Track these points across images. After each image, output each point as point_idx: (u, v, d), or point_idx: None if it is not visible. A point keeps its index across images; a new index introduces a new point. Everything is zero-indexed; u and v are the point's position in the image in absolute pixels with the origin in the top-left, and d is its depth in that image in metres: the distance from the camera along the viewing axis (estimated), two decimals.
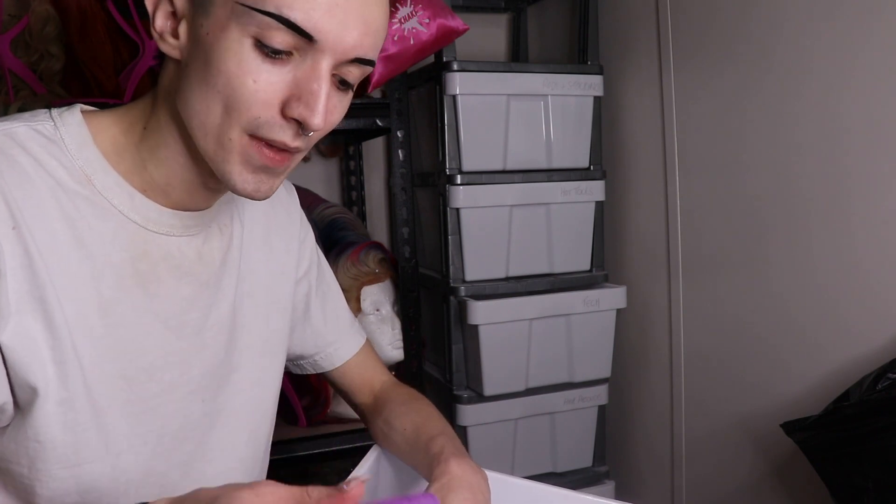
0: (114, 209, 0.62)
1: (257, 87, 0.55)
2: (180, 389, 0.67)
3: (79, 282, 0.60)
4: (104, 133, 0.63)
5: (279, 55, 0.55)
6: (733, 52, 1.28)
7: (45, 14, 1.23)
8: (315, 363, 0.87)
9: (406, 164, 1.43)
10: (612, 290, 1.56)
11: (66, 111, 0.63)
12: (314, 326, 0.85)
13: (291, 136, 0.58)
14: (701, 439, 1.43)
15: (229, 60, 0.55)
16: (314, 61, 0.56)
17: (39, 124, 0.61)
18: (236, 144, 0.58)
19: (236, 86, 0.55)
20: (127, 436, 0.64)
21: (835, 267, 1.12)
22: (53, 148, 0.60)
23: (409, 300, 1.44)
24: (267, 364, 0.77)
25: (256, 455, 0.77)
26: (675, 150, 1.44)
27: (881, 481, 0.94)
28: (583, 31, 1.58)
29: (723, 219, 1.34)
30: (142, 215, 0.63)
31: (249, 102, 0.56)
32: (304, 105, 0.56)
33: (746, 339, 1.30)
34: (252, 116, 0.56)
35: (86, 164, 0.61)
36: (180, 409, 0.68)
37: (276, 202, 0.80)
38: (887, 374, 0.95)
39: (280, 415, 1.49)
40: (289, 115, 0.57)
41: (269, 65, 0.55)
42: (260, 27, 0.54)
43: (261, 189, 0.61)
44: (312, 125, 0.56)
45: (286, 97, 0.56)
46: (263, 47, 0.55)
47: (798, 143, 1.17)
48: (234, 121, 0.57)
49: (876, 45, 1.03)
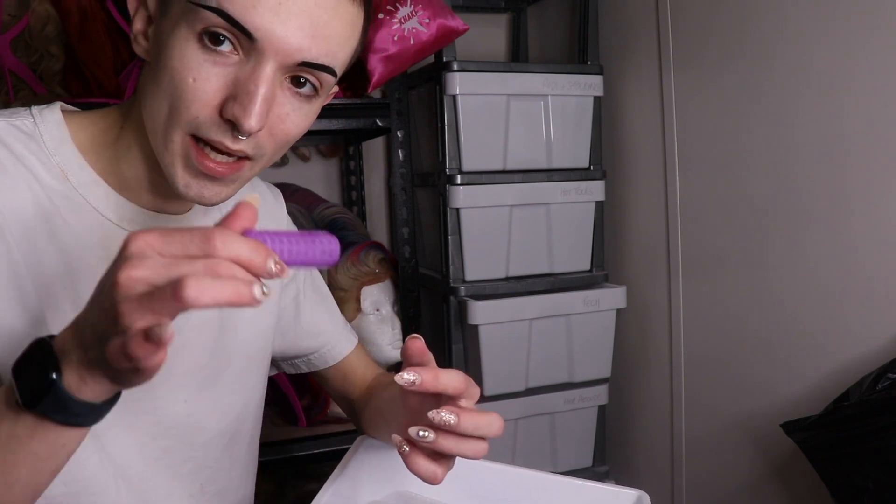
0: (89, 206, 0.62)
1: (196, 85, 0.55)
2: (159, 388, 0.67)
3: (55, 278, 0.60)
4: (84, 131, 0.63)
5: (221, 53, 0.54)
6: (733, 51, 1.28)
7: (45, 14, 1.23)
8: (310, 362, 0.88)
9: (406, 164, 1.43)
10: (612, 290, 1.56)
11: (45, 108, 0.64)
12: (305, 328, 0.85)
13: (229, 137, 0.56)
14: (701, 439, 1.43)
15: (174, 58, 0.55)
16: (256, 62, 0.54)
17: (18, 120, 0.62)
18: (178, 146, 0.57)
19: (177, 83, 0.55)
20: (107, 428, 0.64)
21: (835, 267, 1.12)
22: (31, 143, 0.61)
23: (409, 300, 1.44)
24: (252, 368, 0.77)
25: (236, 457, 0.77)
26: (675, 150, 1.44)
27: (881, 481, 0.94)
28: (583, 31, 1.58)
29: (723, 219, 1.34)
30: (118, 214, 0.63)
31: (189, 101, 0.55)
32: (239, 105, 0.54)
33: (746, 339, 1.30)
34: (191, 116, 0.55)
35: (63, 160, 0.61)
36: (160, 408, 0.68)
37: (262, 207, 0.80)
38: (887, 374, 0.95)
39: (280, 415, 1.49)
40: (224, 115, 0.55)
41: (210, 64, 0.55)
42: (204, 23, 0.54)
43: (205, 195, 0.59)
44: (245, 126, 0.54)
45: (225, 97, 0.55)
46: (206, 44, 0.54)
47: (798, 142, 1.17)
48: (175, 120, 0.56)
49: (876, 45, 1.03)
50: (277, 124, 0.58)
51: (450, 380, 0.56)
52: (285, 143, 0.60)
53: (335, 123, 1.37)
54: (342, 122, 1.37)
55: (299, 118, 0.59)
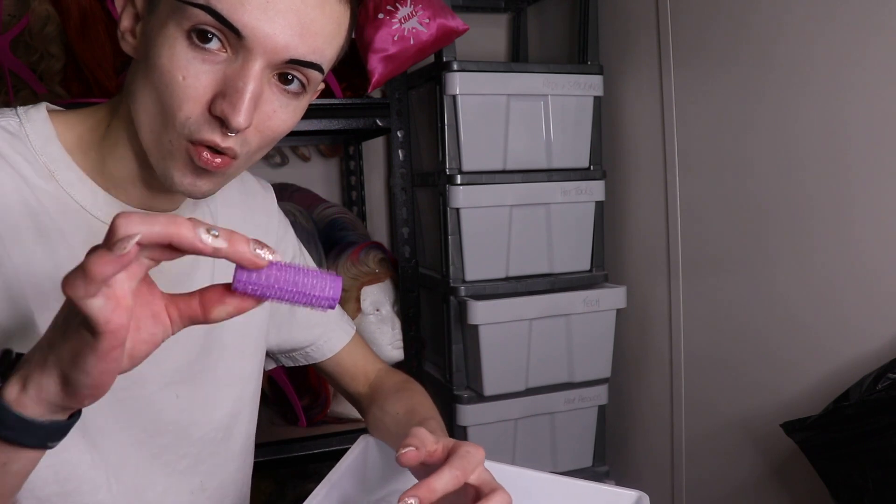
0: (76, 205, 0.62)
1: (186, 83, 0.55)
2: (151, 385, 0.67)
3: (44, 276, 0.60)
4: (70, 130, 0.64)
5: (209, 51, 0.55)
6: (734, 51, 1.28)
7: (45, 14, 1.23)
8: (307, 354, 0.88)
9: (406, 164, 1.43)
10: (612, 290, 1.56)
11: (31, 108, 0.64)
12: (300, 320, 0.85)
13: (219, 134, 0.57)
14: (701, 439, 1.43)
15: (163, 56, 0.55)
16: (244, 60, 0.55)
17: (3, 120, 0.62)
18: (176, 148, 0.58)
19: (167, 81, 0.55)
20: (101, 426, 0.64)
21: (835, 267, 1.12)
22: (17, 143, 0.61)
23: (409, 300, 1.44)
24: (246, 361, 0.77)
25: (232, 451, 0.77)
26: (675, 150, 1.44)
27: (881, 481, 0.94)
28: (583, 31, 1.58)
29: (723, 218, 1.34)
30: (104, 212, 0.63)
31: (179, 99, 0.55)
32: (228, 102, 0.55)
33: (746, 339, 1.30)
34: (183, 116, 0.56)
35: (49, 160, 0.62)
36: (153, 403, 0.68)
37: (253, 201, 0.81)
38: (887, 374, 0.95)
39: (280, 415, 1.49)
40: (213, 112, 0.56)
41: (199, 61, 0.55)
42: (192, 21, 0.54)
43: (198, 186, 0.60)
44: (233, 123, 0.54)
45: (214, 94, 0.56)
46: (194, 41, 0.54)
47: (799, 142, 1.17)
48: (168, 121, 0.57)
49: (878, 44, 1.03)
50: (265, 121, 0.58)
51: (445, 485, 0.56)
52: (272, 139, 0.61)
53: (335, 123, 1.37)
54: (342, 122, 1.37)
55: (287, 115, 0.60)
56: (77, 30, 1.22)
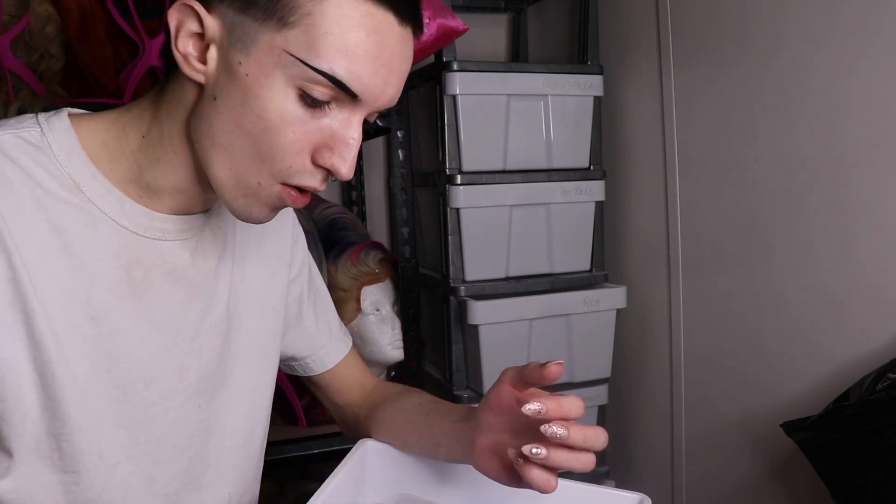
0: (104, 216, 0.61)
1: (295, 137, 0.56)
2: (178, 396, 0.67)
3: (69, 292, 0.59)
4: (94, 138, 0.62)
5: (321, 109, 0.56)
6: (734, 51, 1.28)
7: (45, 14, 1.23)
8: (306, 366, 0.87)
9: (406, 164, 1.43)
10: (612, 290, 1.56)
11: (53, 116, 0.62)
12: (306, 329, 0.85)
13: (320, 181, 0.59)
14: (701, 439, 1.43)
15: (271, 110, 0.55)
16: (351, 113, 0.57)
17: (25, 131, 0.60)
18: (265, 190, 0.58)
19: (274, 135, 0.56)
20: (125, 445, 0.63)
21: (835, 267, 1.12)
22: (40, 156, 0.59)
23: (409, 300, 1.44)
24: (261, 367, 0.77)
25: (251, 458, 0.77)
26: (675, 150, 1.44)
27: (881, 481, 0.94)
28: (583, 31, 1.58)
29: (723, 218, 1.34)
30: (133, 221, 0.63)
31: (285, 152, 0.56)
32: (337, 155, 0.57)
33: (747, 339, 1.30)
34: (285, 166, 0.57)
35: (74, 171, 0.60)
36: (180, 416, 0.67)
37: None
38: (887, 374, 0.95)
39: (280, 415, 1.49)
40: (319, 163, 0.57)
41: (308, 117, 0.56)
42: (307, 80, 0.54)
43: (270, 217, 0.62)
44: (342, 175, 0.57)
45: (318, 145, 0.57)
46: (307, 98, 0.55)
47: (799, 142, 1.17)
48: (265, 167, 0.57)
49: (879, 44, 1.03)
50: None
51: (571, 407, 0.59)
52: None
53: None
54: None
55: None
56: (77, 30, 1.22)
